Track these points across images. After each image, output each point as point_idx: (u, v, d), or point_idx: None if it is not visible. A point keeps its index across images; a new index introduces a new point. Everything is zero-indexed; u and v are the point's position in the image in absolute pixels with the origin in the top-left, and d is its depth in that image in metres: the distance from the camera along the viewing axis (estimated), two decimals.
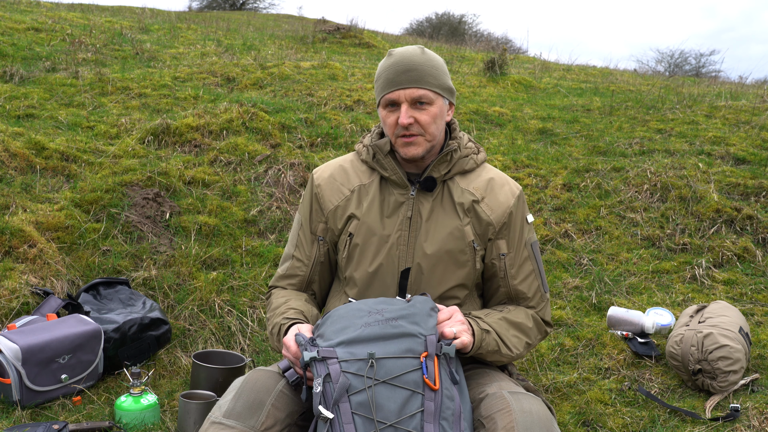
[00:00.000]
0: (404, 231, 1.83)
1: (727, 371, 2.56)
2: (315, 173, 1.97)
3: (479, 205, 1.85)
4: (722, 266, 3.58)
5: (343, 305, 1.68)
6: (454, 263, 1.83)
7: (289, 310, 1.82)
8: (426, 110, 1.79)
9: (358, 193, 1.89)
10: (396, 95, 1.78)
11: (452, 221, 1.83)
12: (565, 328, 3.17)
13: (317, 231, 1.93)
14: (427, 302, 1.65)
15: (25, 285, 2.93)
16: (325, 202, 1.92)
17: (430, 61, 1.81)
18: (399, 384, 1.48)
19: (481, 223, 1.85)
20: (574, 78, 7.83)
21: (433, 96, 1.79)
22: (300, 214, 1.98)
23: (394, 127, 1.80)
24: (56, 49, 6.17)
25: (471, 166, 1.90)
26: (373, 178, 1.90)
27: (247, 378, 1.66)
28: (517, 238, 1.88)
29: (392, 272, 1.82)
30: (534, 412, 1.55)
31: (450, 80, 1.86)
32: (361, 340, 1.54)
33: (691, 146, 4.68)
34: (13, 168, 3.71)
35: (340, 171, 1.94)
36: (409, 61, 1.78)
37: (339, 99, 5.38)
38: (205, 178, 4.01)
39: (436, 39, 14.35)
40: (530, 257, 1.91)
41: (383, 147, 1.86)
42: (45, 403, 2.52)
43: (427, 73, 1.79)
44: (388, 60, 1.82)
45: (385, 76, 1.80)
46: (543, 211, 4.08)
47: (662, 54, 21.13)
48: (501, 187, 1.89)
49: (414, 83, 1.77)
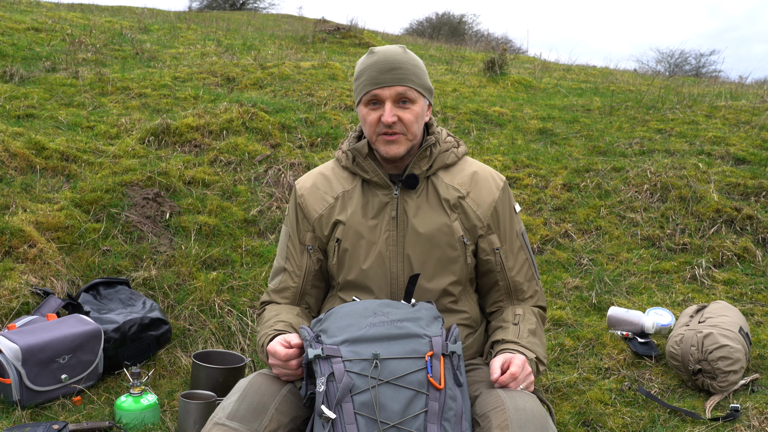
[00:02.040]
0: (392, 231, 1.83)
1: (727, 371, 2.56)
2: (297, 184, 1.97)
3: (465, 201, 1.86)
4: (722, 266, 3.58)
5: (348, 303, 1.68)
6: (445, 260, 1.83)
7: (278, 322, 1.81)
8: (409, 109, 1.79)
9: (342, 199, 1.89)
10: (380, 92, 1.77)
11: (440, 218, 1.84)
12: (565, 328, 3.17)
13: (305, 240, 1.92)
14: (432, 310, 1.66)
15: (25, 285, 2.93)
16: (309, 211, 1.91)
17: (413, 60, 1.82)
18: (403, 384, 1.48)
19: (468, 218, 1.85)
20: (574, 78, 7.82)
21: (416, 95, 1.80)
22: (287, 226, 1.97)
23: (376, 125, 1.80)
24: (56, 49, 6.17)
25: (452, 160, 1.90)
26: (356, 183, 1.89)
27: (251, 380, 1.66)
28: (508, 230, 1.90)
29: (384, 273, 1.82)
30: (528, 410, 1.55)
31: (429, 80, 1.87)
32: (365, 340, 1.54)
33: (691, 146, 4.68)
34: (13, 168, 3.72)
35: (322, 179, 1.94)
36: (394, 60, 1.78)
37: (339, 99, 5.38)
38: (205, 178, 4.01)
39: (436, 39, 14.34)
40: (522, 247, 1.93)
41: (362, 149, 1.86)
42: (45, 403, 2.52)
43: (411, 72, 1.79)
44: (370, 58, 1.81)
45: (368, 74, 1.79)
46: (543, 211, 4.08)
47: (662, 54, 21.15)
48: (485, 181, 1.89)
49: (399, 81, 1.77)
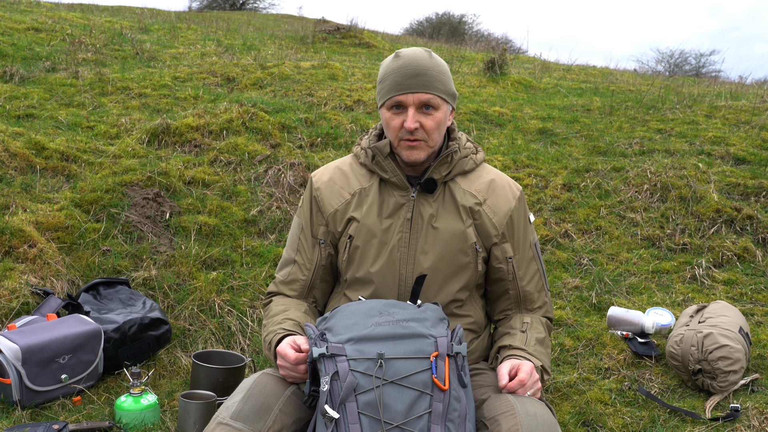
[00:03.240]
0: (405, 233, 1.82)
1: (727, 371, 2.56)
2: (314, 176, 1.95)
3: (482, 207, 1.85)
4: (722, 266, 3.58)
5: (354, 302, 1.67)
6: (456, 265, 1.82)
7: (287, 320, 1.79)
8: (432, 115, 1.78)
9: (358, 196, 1.88)
10: (404, 98, 1.76)
11: (455, 223, 1.83)
12: (565, 328, 3.17)
13: (318, 234, 1.91)
14: (438, 311, 1.66)
15: (25, 285, 2.93)
16: (324, 205, 1.90)
17: (438, 66, 1.80)
18: (407, 384, 1.48)
19: (483, 225, 1.84)
20: (574, 78, 7.82)
21: (440, 101, 1.79)
22: (300, 218, 1.95)
23: (399, 130, 1.79)
24: (56, 49, 6.17)
25: (470, 167, 1.89)
26: (373, 181, 1.88)
27: (256, 380, 1.65)
28: (522, 239, 1.89)
29: (393, 274, 1.81)
30: (539, 416, 1.55)
31: (453, 85, 1.86)
32: (370, 339, 1.53)
33: (691, 146, 4.68)
34: (13, 168, 3.72)
35: (340, 174, 1.92)
36: (419, 65, 1.76)
37: (339, 99, 5.38)
38: (205, 178, 4.01)
39: (436, 39, 14.35)
40: (534, 257, 1.92)
41: (383, 149, 1.84)
42: (45, 403, 2.52)
43: (435, 79, 1.78)
44: (395, 62, 1.79)
45: (393, 78, 1.78)
46: (543, 211, 4.08)
47: (662, 54, 21.15)
48: (502, 189, 1.89)
49: (423, 88, 1.76)
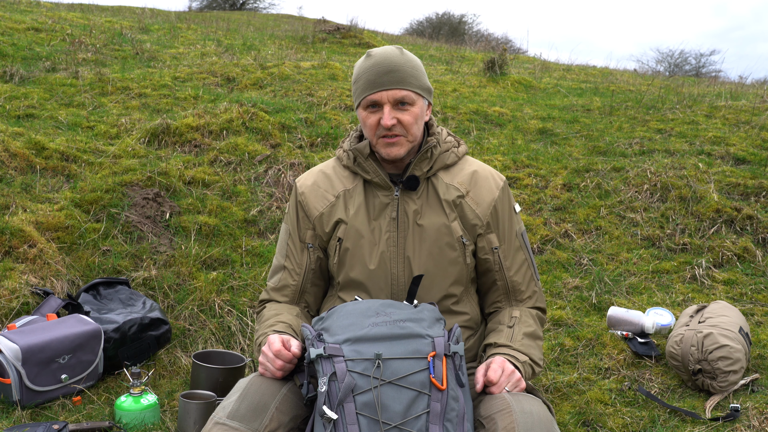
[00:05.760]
0: (392, 232, 1.83)
1: (727, 371, 2.56)
2: (298, 182, 1.96)
3: (465, 200, 1.85)
4: (722, 266, 3.58)
5: (350, 302, 1.67)
6: (445, 260, 1.83)
7: (279, 323, 1.80)
8: (408, 111, 1.79)
9: (343, 198, 1.89)
10: (378, 96, 1.77)
11: (439, 219, 1.83)
12: (565, 328, 3.17)
13: (306, 239, 1.92)
14: (435, 311, 1.66)
15: (25, 285, 2.93)
16: (310, 209, 1.91)
17: (410, 61, 1.81)
18: (405, 385, 1.48)
19: (467, 217, 1.85)
20: (574, 78, 7.82)
21: (415, 96, 1.80)
22: (287, 224, 1.96)
23: (376, 128, 1.80)
24: (56, 49, 6.17)
25: (453, 160, 1.90)
26: (357, 182, 1.89)
27: (252, 380, 1.66)
28: (507, 229, 1.89)
29: (384, 274, 1.82)
30: (535, 413, 1.55)
31: (428, 80, 1.86)
32: (368, 339, 1.53)
33: (691, 146, 4.68)
34: (13, 168, 3.72)
35: (323, 177, 1.93)
36: (390, 62, 1.78)
37: (339, 99, 5.38)
38: (205, 178, 4.01)
39: (436, 39, 14.34)
40: (521, 247, 1.92)
41: (363, 150, 1.85)
42: (45, 403, 2.52)
43: (408, 74, 1.79)
44: (367, 61, 1.80)
45: (366, 78, 1.79)
46: (543, 211, 4.08)
47: (662, 54, 21.14)
48: (485, 180, 1.89)
49: (396, 84, 1.77)
